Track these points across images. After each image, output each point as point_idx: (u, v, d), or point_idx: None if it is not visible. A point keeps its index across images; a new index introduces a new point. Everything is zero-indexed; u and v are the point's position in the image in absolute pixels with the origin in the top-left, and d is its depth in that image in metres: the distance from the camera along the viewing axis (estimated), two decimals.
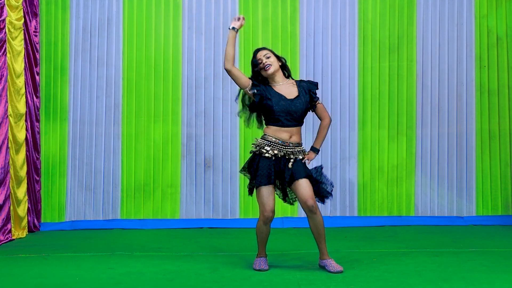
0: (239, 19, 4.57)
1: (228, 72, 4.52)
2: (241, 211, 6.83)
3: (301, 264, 4.72)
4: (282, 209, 6.84)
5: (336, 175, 6.86)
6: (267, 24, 6.88)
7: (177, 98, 6.84)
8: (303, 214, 6.84)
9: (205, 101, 6.85)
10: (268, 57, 4.55)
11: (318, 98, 4.65)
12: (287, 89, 4.56)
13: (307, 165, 4.58)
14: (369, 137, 6.88)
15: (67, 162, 6.79)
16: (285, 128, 4.51)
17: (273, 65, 4.54)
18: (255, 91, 4.52)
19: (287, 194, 4.65)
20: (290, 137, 4.51)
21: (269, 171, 4.46)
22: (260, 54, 4.58)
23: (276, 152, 4.48)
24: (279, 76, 4.60)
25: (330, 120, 4.69)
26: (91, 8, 6.85)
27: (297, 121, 4.53)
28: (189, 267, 4.69)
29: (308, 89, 4.59)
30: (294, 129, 4.52)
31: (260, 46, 6.76)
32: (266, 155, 4.48)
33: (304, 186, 4.45)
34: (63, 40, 6.83)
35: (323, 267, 4.53)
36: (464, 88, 6.91)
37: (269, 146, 4.49)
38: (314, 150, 4.63)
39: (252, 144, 4.61)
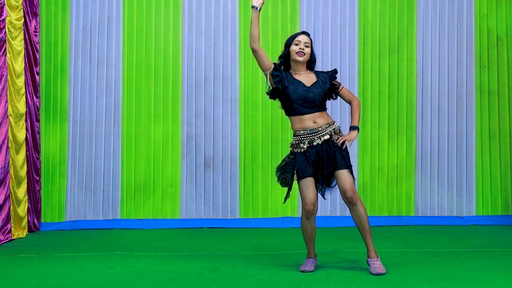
0: None
1: (254, 52, 4.46)
2: (241, 211, 6.83)
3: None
4: (282, 209, 6.84)
5: None
6: (267, 24, 6.88)
7: (177, 98, 6.84)
8: None
9: (205, 101, 6.85)
10: (307, 46, 4.53)
11: (340, 83, 4.59)
12: (305, 77, 4.53)
13: (349, 146, 4.45)
14: (369, 137, 6.88)
15: (67, 162, 6.79)
16: (306, 116, 4.44)
17: (305, 55, 4.51)
18: (274, 73, 4.47)
19: (328, 183, 4.53)
20: (314, 122, 4.44)
21: (306, 163, 4.41)
22: (303, 38, 4.53)
23: (307, 144, 4.42)
24: (303, 67, 4.57)
25: (359, 101, 4.61)
26: (91, 8, 6.85)
27: (317, 107, 4.46)
28: (189, 266, 4.69)
29: (329, 77, 4.56)
30: (315, 114, 4.45)
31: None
32: (301, 150, 4.43)
33: (343, 177, 4.38)
34: (63, 40, 6.83)
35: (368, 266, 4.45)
36: (464, 88, 6.91)
37: (302, 142, 4.44)
38: (354, 128, 4.49)
39: (290, 147, 4.55)
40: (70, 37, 6.84)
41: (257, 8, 4.43)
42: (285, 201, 4.64)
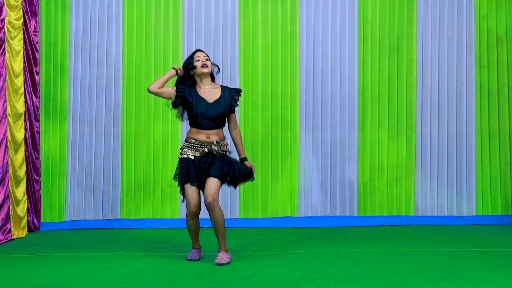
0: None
1: (151, 93, 4.98)
2: (241, 211, 6.83)
3: (300, 264, 4.72)
4: (282, 209, 6.84)
5: (336, 174, 6.86)
6: (266, 24, 6.88)
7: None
8: (302, 213, 6.85)
9: None
10: (206, 59, 4.98)
11: (237, 105, 5.05)
12: (210, 93, 4.97)
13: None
14: (369, 136, 6.88)
15: (67, 162, 6.79)
16: (203, 131, 4.93)
17: (208, 67, 4.98)
18: (178, 94, 4.93)
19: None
20: (208, 137, 4.93)
21: (191, 170, 4.88)
22: (200, 54, 5.00)
23: (197, 153, 4.90)
24: (208, 79, 5.00)
25: (240, 132, 5.15)
26: (91, 7, 6.85)
27: (216, 124, 4.95)
28: (189, 266, 4.69)
29: (231, 95, 5.00)
30: (212, 131, 4.95)
31: (257, 45, 6.83)
32: (187, 156, 4.91)
33: (211, 184, 4.85)
34: (63, 39, 6.82)
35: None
36: (464, 88, 6.91)
37: (189, 149, 4.93)
38: (244, 159, 5.08)
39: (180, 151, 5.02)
40: (70, 37, 6.83)
41: (176, 72, 4.99)
42: (183, 201, 5.06)
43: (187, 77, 4.99)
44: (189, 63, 4.97)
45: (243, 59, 6.82)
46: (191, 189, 4.89)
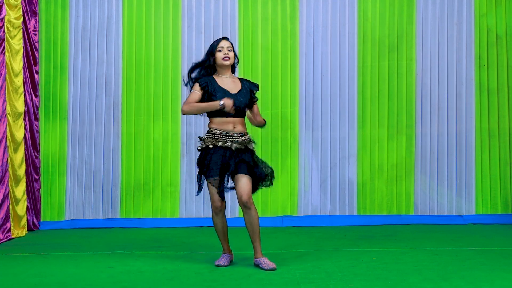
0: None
1: (187, 113, 4.76)
2: (240, 210, 6.82)
3: (300, 263, 4.72)
4: (282, 208, 6.84)
5: (336, 174, 6.86)
6: (266, 23, 6.88)
7: (177, 96, 6.83)
8: (302, 213, 6.85)
9: None
10: (230, 50, 4.77)
11: (257, 98, 4.85)
12: (230, 83, 4.75)
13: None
14: (369, 136, 6.88)
15: (67, 161, 6.79)
16: (229, 119, 4.66)
17: (231, 59, 4.74)
18: (204, 89, 4.68)
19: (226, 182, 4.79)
20: (234, 127, 4.67)
21: (215, 163, 4.61)
22: (224, 44, 4.77)
23: (220, 143, 4.62)
24: (228, 70, 4.79)
25: (265, 122, 4.89)
26: (91, 6, 6.84)
27: (240, 113, 4.71)
28: (189, 266, 4.69)
29: (250, 89, 4.80)
30: (237, 119, 4.69)
31: (256, 44, 6.83)
32: (207, 146, 4.64)
33: (243, 181, 4.62)
34: (63, 38, 6.82)
35: (257, 266, 4.62)
36: (463, 87, 6.91)
37: (211, 139, 4.66)
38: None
39: (198, 141, 4.75)
40: (70, 36, 6.83)
41: (222, 107, 4.56)
42: (197, 194, 4.88)
43: (207, 66, 4.78)
44: (211, 53, 4.74)
45: (243, 58, 6.81)
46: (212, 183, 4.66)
